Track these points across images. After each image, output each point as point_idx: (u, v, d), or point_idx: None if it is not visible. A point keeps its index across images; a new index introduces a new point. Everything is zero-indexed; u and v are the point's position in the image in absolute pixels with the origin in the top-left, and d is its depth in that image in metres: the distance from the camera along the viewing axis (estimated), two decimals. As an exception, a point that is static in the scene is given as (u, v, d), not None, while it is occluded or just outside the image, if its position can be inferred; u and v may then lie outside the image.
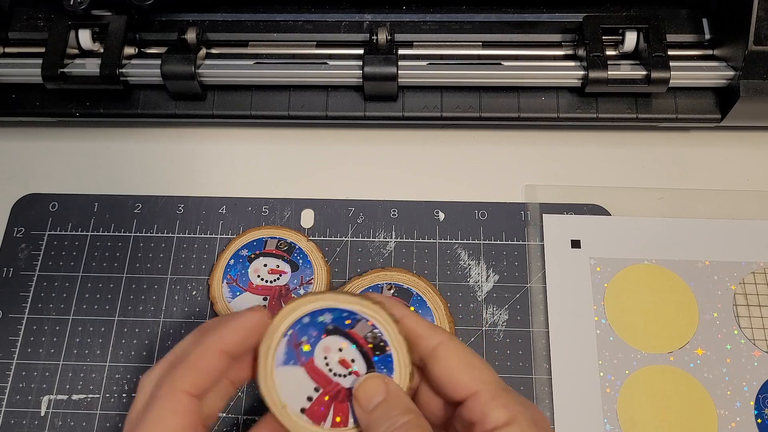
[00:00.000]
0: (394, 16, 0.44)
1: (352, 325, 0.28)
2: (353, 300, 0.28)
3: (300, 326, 0.28)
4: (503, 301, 0.39)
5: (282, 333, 0.28)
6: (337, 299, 0.28)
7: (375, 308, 0.28)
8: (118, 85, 0.41)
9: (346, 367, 0.28)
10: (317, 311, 0.28)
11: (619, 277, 0.39)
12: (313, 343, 0.28)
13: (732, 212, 0.41)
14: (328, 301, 0.29)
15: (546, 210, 0.42)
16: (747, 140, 0.45)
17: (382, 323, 0.28)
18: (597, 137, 0.45)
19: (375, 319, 0.28)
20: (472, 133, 0.45)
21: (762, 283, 0.39)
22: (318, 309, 0.28)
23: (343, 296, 0.29)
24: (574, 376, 0.37)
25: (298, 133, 0.46)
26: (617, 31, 0.42)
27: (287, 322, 0.28)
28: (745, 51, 0.39)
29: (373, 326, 0.28)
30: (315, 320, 0.28)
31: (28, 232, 0.42)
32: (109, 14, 0.43)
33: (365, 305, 0.28)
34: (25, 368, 0.38)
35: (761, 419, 0.36)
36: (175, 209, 0.42)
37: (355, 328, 0.28)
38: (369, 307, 0.28)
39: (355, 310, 0.28)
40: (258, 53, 0.44)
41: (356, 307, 0.28)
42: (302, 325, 0.28)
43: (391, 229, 0.41)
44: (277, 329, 0.28)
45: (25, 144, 0.45)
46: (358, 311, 0.28)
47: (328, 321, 0.28)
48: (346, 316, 0.28)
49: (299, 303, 0.28)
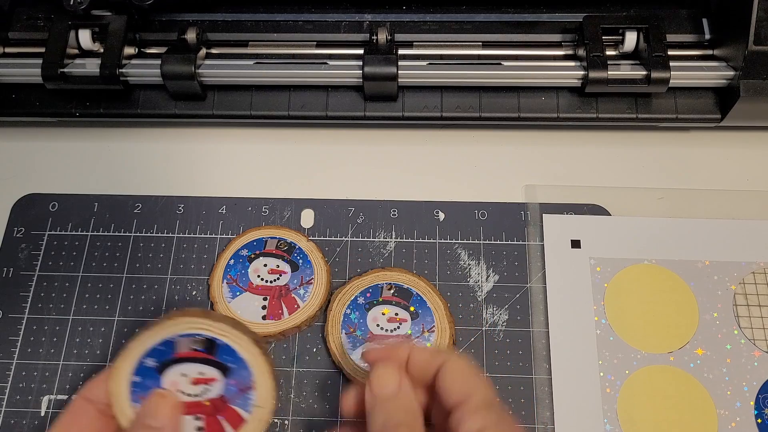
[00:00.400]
0: (394, 16, 0.44)
1: (173, 348, 0.29)
2: (174, 326, 0.29)
3: (136, 384, 0.29)
4: (503, 301, 0.39)
5: (128, 383, 0.29)
6: (150, 336, 0.29)
7: (212, 325, 0.29)
8: (118, 85, 0.41)
9: (201, 382, 0.29)
10: (140, 362, 0.29)
11: (619, 277, 0.39)
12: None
13: (732, 212, 0.41)
14: (145, 342, 0.29)
15: (546, 210, 0.42)
16: (747, 140, 0.45)
17: (224, 335, 0.29)
18: (597, 137, 0.45)
19: (215, 333, 0.29)
20: (472, 133, 0.45)
21: (762, 283, 0.39)
22: (145, 352, 0.29)
23: (156, 329, 0.29)
24: (574, 376, 0.37)
25: (298, 133, 0.46)
26: (617, 31, 0.42)
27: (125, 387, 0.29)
28: (745, 51, 0.39)
29: (193, 334, 0.29)
30: (144, 371, 0.29)
31: (28, 232, 0.42)
32: (109, 14, 0.43)
33: (196, 325, 0.29)
34: (25, 368, 0.38)
35: (761, 419, 0.36)
36: (175, 209, 0.42)
37: (178, 349, 0.29)
38: (203, 325, 0.29)
39: (175, 335, 0.29)
40: (258, 53, 0.44)
41: (178, 329, 0.29)
42: (137, 384, 0.29)
43: (391, 229, 0.41)
44: (120, 389, 0.29)
45: (25, 144, 0.45)
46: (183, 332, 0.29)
47: (152, 364, 0.29)
48: (165, 345, 0.29)
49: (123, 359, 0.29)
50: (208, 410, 0.29)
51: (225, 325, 0.29)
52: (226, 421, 0.29)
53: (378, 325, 0.38)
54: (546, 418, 0.36)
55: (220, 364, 0.29)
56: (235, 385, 0.29)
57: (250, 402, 0.29)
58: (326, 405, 0.37)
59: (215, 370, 0.29)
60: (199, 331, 0.29)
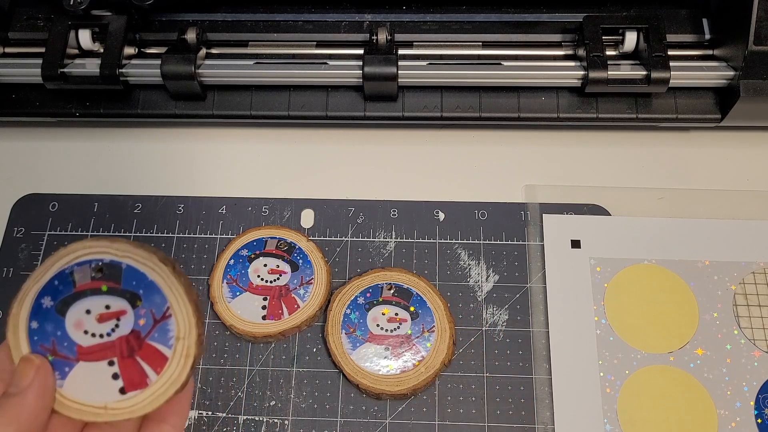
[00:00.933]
0: (394, 16, 0.44)
1: (71, 281, 0.25)
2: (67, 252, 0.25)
3: (34, 331, 0.25)
4: (503, 301, 0.39)
5: (25, 331, 0.25)
6: (46, 268, 0.25)
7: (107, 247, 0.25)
8: (118, 85, 0.41)
9: (109, 318, 0.25)
10: (36, 304, 0.25)
11: (619, 277, 0.39)
12: (59, 336, 0.25)
13: (732, 212, 0.41)
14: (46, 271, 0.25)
15: (546, 210, 0.42)
16: (747, 140, 0.45)
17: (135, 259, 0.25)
18: (597, 137, 0.45)
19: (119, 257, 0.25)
20: (472, 133, 0.45)
21: (762, 283, 0.39)
22: (39, 291, 0.25)
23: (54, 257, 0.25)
24: (574, 376, 0.37)
25: (298, 133, 0.46)
26: (617, 31, 0.42)
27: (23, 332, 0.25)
28: (745, 51, 0.39)
29: (91, 261, 0.25)
30: (42, 314, 0.25)
31: (28, 232, 0.42)
32: (109, 14, 0.43)
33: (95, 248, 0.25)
34: (25, 368, 0.38)
35: (761, 419, 0.36)
36: (175, 209, 0.42)
37: (77, 281, 0.25)
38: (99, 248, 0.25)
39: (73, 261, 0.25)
40: (258, 53, 0.44)
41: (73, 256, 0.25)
42: (35, 330, 0.25)
43: (391, 229, 0.41)
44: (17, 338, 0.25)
45: (25, 144, 0.45)
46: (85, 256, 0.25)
47: (49, 304, 0.25)
48: (61, 279, 0.25)
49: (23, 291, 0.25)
50: (122, 351, 0.24)
51: (126, 245, 0.25)
52: (145, 361, 0.24)
53: (378, 325, 0.38)
54: (546, 418, 0.36)
55: (128, 292, 0.25)
56: (148, 315, 0.24)
57: (169, 334, 0.24)
58: (326, 405, 0.37)
59: (123, 301, 0.25)
60: (98, 256, 0.24)
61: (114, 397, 0.25)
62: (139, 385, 0.25)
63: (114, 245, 0.25)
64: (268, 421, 0.36)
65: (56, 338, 0.25)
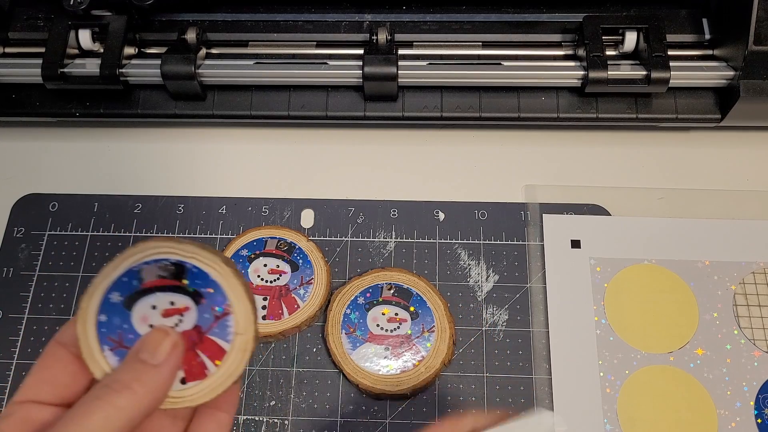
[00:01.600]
0: (394, 16, 0.44)
1: (139, 278, 0.26)
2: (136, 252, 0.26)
3: (102, 324, 0.26)
4: (503, 301, 0.39)
5: (94, 324, 0.26)
6: (114, 267, 0.26)
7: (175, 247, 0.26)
8: (118, 85, 0.41)
9: (173, 314, 0.26)
10: (105, 299, 0.26)
11: (619, 277, 0.39)
12: (125, 329, 0.26)
13: (732, 212, 0.41)
14: (112, 272, 0.26)
15: (546, 210, 0.42)
16: (747, 140, 0.45)
17: (200, 260, 0.26)
18: (597, 137, 0.45)
19: (187, 258, 0.26)
20: (472, 133, 0.45)
21: (762, 283, 0.39)
22: (108, 287, 0.26)
23: (120, 257, 0.26)
24: (574, 376, 0.37)
25: (298, 133, 0.46)
26: (617, 31, 0.42)
27: (91, 317, 0.26)
28: (745, 51, 0.39)
29: (159, 260, 0.26)
30: (110, 308, 0.26)
31: (28, 232, 0.42)
32: (109, 14, 0.43)
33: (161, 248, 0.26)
34: (25, 368, 0.38)
35: (761, 419, 0.36)
36: (175, 209, 0.42)
37: (145, 279, 0.26)
38: (169, 248, 0.26)
39: (143, 260, 0.26)
40: (258, 53, 0.44)
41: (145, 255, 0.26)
42: (104, 323, 0.26)
43: (391, 229, 0.41)
44: (86, 319, 0.26)
45: (25, 144, 0.45)
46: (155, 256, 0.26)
47: (117, 299, 0.26)
48: (130, 276, 0.26)
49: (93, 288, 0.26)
50: (185, 344, 0.26)
51: (192, 246, 0.26)
52: (205, 354, 0.26)
53: (378, 325, 0.38)
54: (546, 418, 0.36)
55: (192, 290, 0.26)
56: (210, 312, 0.26)
57: (228, 330, 0.26)
58: (326, 405, 0.37)
59: (187, 298, 0.26)
60: (165, 256, 0.26)
61: (175, 386, 0.26)
62: (198, 376, 0.26)
63: (181, 246, 0.26)
64: (268, 421, 0.36)
65: (122, 331, 0.26)
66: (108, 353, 0.26)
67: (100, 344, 0.26)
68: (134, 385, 0.24)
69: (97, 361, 0.26)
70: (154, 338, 0.26)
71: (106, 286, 0.26)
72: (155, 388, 0.25)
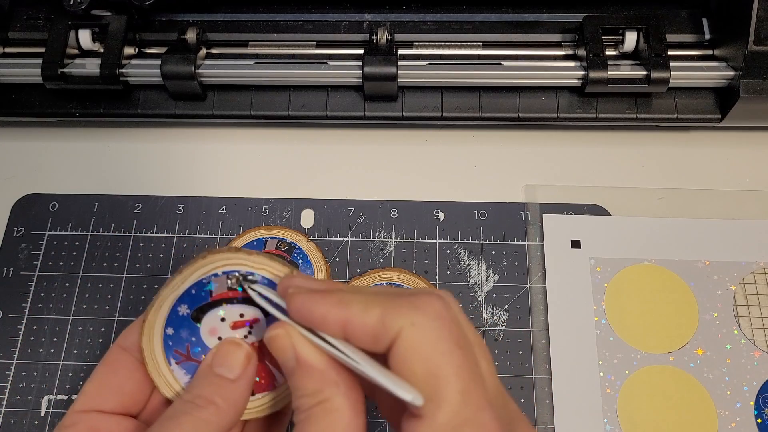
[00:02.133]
0: (394, 16, 0.44)
1: (208, 290, 0.26)
2: (203, 264, 0.25)
3: (169, 336, 0.26)
4: (503, 301, 0.39)
5: (160, 337, 0.26)
6: (183, 277, 0.26)
7: (233, 257, 0.25)
8: (118, 85, 0.41)
9: (242, 326, 0.26)
10: (173, 311, 0.26)
11: (619, 277, 0.39)
12: (193, 342, 0.26)
13: (732, 212, 0.41)
14: (182, 282, 0.25)
15: (546, 210, 0.42)
16: (747, 140, 0.45)
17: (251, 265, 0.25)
18: (597, 137, 0.45)
19: (241, 266, 0.25)
20: (472, 133, 0.45)
21: (762, 283, 0.39)
22: (176, 299, 0.26)
23: (188, 268, 0.26)
24: (574, 376, 0.37)
25: (298, 133, 0.46)
26: (617, 31, 0.42)
27: (158, 331, 0.26)
28: (745, 51, 0.39)
29: (228, 272, 0.25)
30: (177, 321, 0.26)
31: (28, 232, 0.42)
32: (109, 14, 0.43)
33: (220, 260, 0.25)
34: (25, 368, 0.38)
35: (761, 419, 0.36)
36: (175, 209, 0.42)
37: (214, 291, 0.26)
38: (226, 260, 0.25)
39: (210, 273, 0.25)
40: (258, 53, 0.44)
41: (209, 267, 0.25)
42: (171, 336, 0.26)
43: (391, 229, 0.41)
44: (153, 332, 0.26)
45: (25, 144, 0.45)
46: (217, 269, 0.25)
47: (185, 312, 0.26)
48: (198, 288, 0.26)
49: (158, 302, 0.26)
50: (255, 356, 0.26)
51: (262, 258, 0.25)
52: (273, 365, 0.26)
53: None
54: (546, 418, 0.36)
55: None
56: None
57: None
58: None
59: (256, 310, 0.26)
60: (235, 268, 0.25)
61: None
62: (267, 388, 0.26)
63: (251, 258, 0.25)
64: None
65: (190, 344, 0.26)
66: (174, 366, 0.26)
67: (166, 358, 0.25)
68: (217, 399, 0.24)
69: (163, 375, 0.25)
70: (227, 350, 0.25)
71: (174, 298, 0.25)
72: (236, 402, 0.25)
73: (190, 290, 0.26)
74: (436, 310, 0.22)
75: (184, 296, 0.26)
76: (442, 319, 0.22)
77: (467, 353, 0.22)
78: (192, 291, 0.26)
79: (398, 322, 0.21)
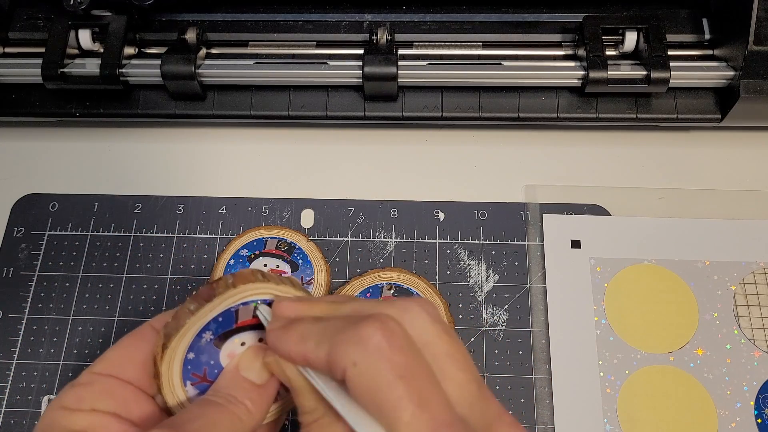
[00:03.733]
0: (394, 16, 0.44)
1: (234, 318, 0.27)
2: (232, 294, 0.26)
3: (189, 361, 0.26)
4: (503, 301, 0.39)
5: (180, 362, 0.26)
6: (213, 306, 0.26)
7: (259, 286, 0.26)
8: (118, 85, 0.41)
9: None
10: (197, 338, 0.26)
11: (619, 277, 0.39)
12: (211, 365, 0.27)
13: (732, 212, 0.41)
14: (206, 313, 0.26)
15: (546, 210, 0.42)
16: (747, 140, 0.45)
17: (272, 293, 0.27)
18: (597, 137, 0.45)
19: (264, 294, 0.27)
20: (472, 133, 0.45)
21: (762, 283, 0.39)
22: (202, 327, 0.26)
23: (219, 298, 0.26)
24: (574, 376, 0.37)
25: (298, 133, 0.46)
26: (617, 31, 0.42)
27: (178, 359, 0.26)
28: (745, 51, 0.39)
29: (255, 300, 0.26)
30: (199, 347, 0.26)
31: (28, 232, 0.42)
32: (109, 14, 0.43)
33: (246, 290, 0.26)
34: (25, 368, 0.38)
35: (761, 419, 0.36)
36: (175, 209, 0.42)
37: (239, 318, 0.27)
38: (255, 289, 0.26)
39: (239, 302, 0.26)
40: (258, 53, 0.44)
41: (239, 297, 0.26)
42: (190, 361, 0.26)
43: (391, 229, 0.41)
44: (174, 358, 0.26)
45: (25, 144, 0.45)
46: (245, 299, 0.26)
47: (209, 338, 0.26)
48: (225, 316, 0.27)
49: (180, 335, 0.26)
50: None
51: (289, 288, 0.27)
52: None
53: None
54: (546, 418, 0.36)
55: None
56: None
57: None
58: (326, 405, 0.37)
59: None
60: (263, 297, 0.26)
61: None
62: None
63: (279, 287, 0.27)
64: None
65: (208, 367, 0.26)
66: (189, 387, 0.26)
67: (183, 381, 0.26)
68: (247, 402, 0.25)
69: (176, 396, 0.26)
70: (254, 356, 0.26)
71: (200, 326, 0.26)
72: (262, 408, 0.26)
73: (217, 317, 0.26)
74: (375, 344, 0.22)
75: (210, 323, 0.26)
76: (382, 351, 0.22)
77: (412, 379, 0.22)
78: (219, 318, 0.26)
79: (342, 362, 0.22)
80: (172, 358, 0.26)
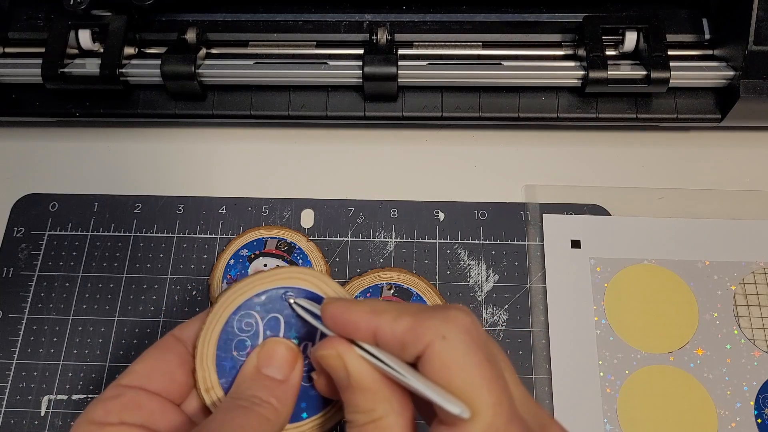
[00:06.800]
0: (394, 16, 0.44)
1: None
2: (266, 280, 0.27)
3: (221, 347, 0.27)
4: (503, 301, 0.39)
5: (213, 362, 0.26)
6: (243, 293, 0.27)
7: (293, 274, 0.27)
8: (118, 85, 0.41)
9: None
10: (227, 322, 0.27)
11: (619, 277, 0.39)
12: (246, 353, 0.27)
13: (732, 212, 0.41)
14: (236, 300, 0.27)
15: (546, 210, 0.42)
16: (747, 140, 0.45)
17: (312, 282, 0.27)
18: (597, 137, 0.45)
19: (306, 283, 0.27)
20: (472, 133, 0.45)
21: (762, 283, 0.39)
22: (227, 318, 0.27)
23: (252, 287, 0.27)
24: (574, 376, 0.37)
25: (298, 133, 0.46)
26: (617, 31, 0.42)
27: (211, 351, 0.27)
28: (745, 51, 0.39)
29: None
30: (229, 335, 0.27)
31: (28, 232, 0.42)
32: (109, 14, 0.43)
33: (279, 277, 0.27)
34: (25, 368, 0.38)
35: (761, 419, 0.36)
36: (175, 209, 0.42)
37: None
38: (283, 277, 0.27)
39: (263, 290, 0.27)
40: (258, 53, 0.44)
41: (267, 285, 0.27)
42: (223, 345, 0.27)
43: (391, 229, 0.41)
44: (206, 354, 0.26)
45: (25, 144, 0.45)
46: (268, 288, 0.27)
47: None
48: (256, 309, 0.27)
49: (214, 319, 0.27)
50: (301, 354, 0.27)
51: (322, 279, 0.27)
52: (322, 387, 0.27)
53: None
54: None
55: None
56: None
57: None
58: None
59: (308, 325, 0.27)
60: (297, 285, 0.27)
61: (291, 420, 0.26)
62: (316, 410, 0.27)
63: (317, 279, 0.27)
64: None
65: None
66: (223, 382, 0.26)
67: (217, 371, 0.26)
68: (272, 401, 0.24)
69: (209, 389, 0.26)
70: (271, 350, 0.26)
71: (238, 303, 0.27)
72: (288, 403, 0.25)
73: (248, 309, 0.27)
74: (465, 324, 0.22)
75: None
76: (471, 333, 0.22)
77: (495, 366, 0.22)
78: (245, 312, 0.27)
79: (428, 334, 0.22)
80: (208, 336, 0.26)
